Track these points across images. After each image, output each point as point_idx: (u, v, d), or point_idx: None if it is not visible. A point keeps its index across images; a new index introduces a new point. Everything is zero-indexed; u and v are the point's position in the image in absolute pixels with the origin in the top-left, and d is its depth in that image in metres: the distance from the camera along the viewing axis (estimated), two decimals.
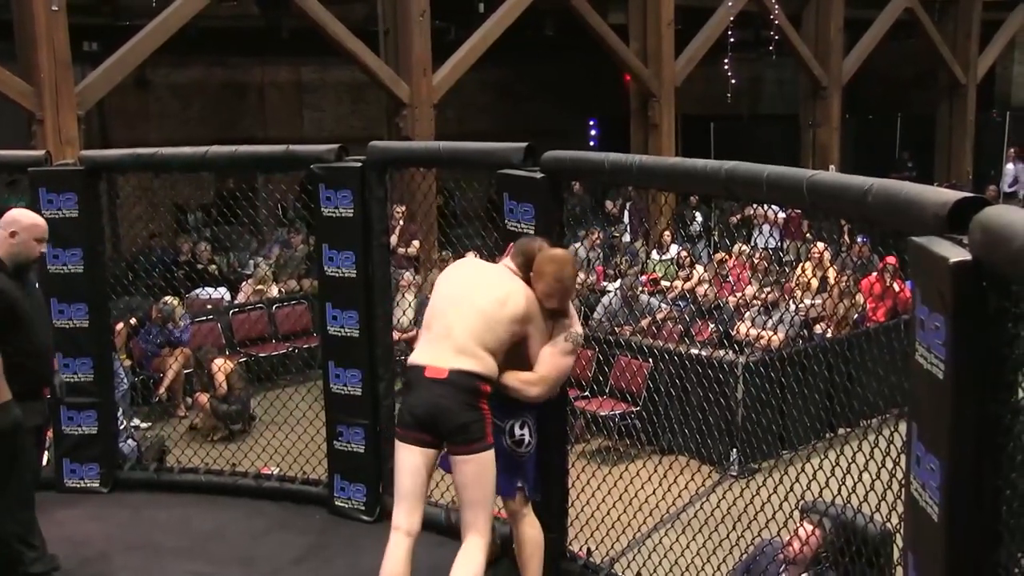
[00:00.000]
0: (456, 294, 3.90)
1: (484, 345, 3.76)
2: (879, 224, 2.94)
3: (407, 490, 3.82)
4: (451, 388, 3.71)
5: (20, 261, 4.45)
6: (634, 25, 15.07)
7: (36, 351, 4.45)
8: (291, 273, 12.46)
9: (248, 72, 17.15)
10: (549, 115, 18.10)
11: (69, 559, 4.81)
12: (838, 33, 17.01)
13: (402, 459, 3.82)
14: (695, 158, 3.86)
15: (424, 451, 3.78)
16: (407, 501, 3.82)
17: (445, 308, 3.88)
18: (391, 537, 3.84)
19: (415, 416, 3.76)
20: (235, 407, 9.17)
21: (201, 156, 5.45)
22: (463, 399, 3.71)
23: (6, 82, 10.32)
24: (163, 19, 11.16)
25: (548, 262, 3.89)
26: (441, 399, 3.71)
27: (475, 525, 3.78)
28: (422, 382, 3.76)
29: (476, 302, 3.82)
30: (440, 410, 3.71)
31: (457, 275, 4.04)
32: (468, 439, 3.72)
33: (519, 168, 4.40)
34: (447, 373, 3.71)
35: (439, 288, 4.00)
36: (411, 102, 12.74)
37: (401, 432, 3.84)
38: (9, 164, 5.93)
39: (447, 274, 4.09)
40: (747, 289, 10.39)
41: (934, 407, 2.24)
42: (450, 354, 3.74)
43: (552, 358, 3.93)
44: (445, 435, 3.76)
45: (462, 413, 3.70)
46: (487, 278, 3.96)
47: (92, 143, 12.24)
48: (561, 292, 3.89)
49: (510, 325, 3.82)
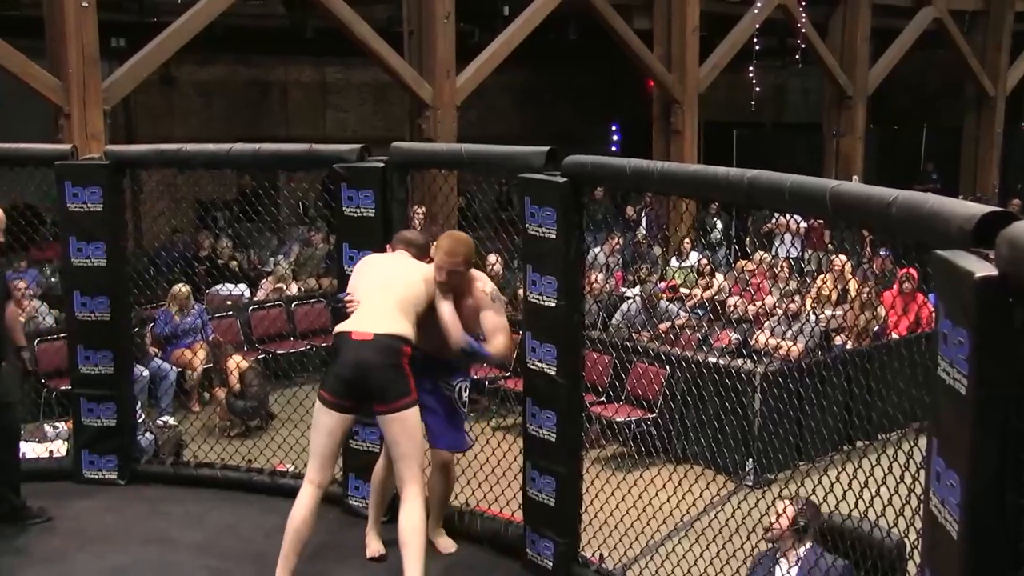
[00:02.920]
0: (373, 276, 4.39)
1: (403, 312, 4.23)
2: (903, 236, 2.92)
3: (322, 449, 4.22)
4: (376, 349, 4.12)
5: None
6: (659, 30, 15.03)
7: None
8: (311, 272, 12.49)
9: (272, 71, 17.21)
10: (571, 119, 18.09)
11: (84, 550, 4.86)
12: (864, 42, 16.92)
13: (321, 421, 4.21)
14: (717, 166, 3.85)
15: (343, 416, 4.20)
16: (321, 459, 4.23)
17: (366, 288, 4.34)
18: (303, 487, 4.25)
19: (342, 379, 4.14)
20: (251, 404, 9.19)
21: (225, 153, 5.48)
22: (388, 359, 4.12)
23: (35, 76, 10.39)
24: (189, 17, 11.21)
25: (446, 237, 4.41)
26: (367, 358, 4.11)
27: (410, 478, 4.18)
28: (349, 344, 4.15)
29: (390, 279, 4.33)
30: (367, 367, 4.10)
31: (371, 265, 4.51)
32: (394, 397, 4.13)
33: (540, 172, 4.40)
34: (372, 336, 4.13)
35: (358, 278, 4.46)
36: (434, 104, 12.76)
37: (325, 396, 4.20)
38: (37, 157, 5.97)
39: (361, 267, 4.52)
40: (767, 298, 10.35)
41: (956, 423, 2.23)
42: (374, 321, 4.19)
43: (496, 319, 4.42)
44: (372, 395, 4.14)
45: (387, 371, 4.11)
46: (395, 263, 4.48)
47: (117, 138, 12.31)
48: (449, 265, 4.29)
49: (419, 294, 4.30)
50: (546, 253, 4.34)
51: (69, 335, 5.78)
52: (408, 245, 4.58)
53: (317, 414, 4.23)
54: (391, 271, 4.41)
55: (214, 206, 13.82)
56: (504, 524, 4.92)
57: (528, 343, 4.48)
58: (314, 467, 4.24)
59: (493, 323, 4.42)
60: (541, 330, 4.42)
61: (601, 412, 8.31)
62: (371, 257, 4.60)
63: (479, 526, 4.95)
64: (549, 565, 4.49)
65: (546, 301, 4.35)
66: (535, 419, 4.49)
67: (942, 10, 17.34)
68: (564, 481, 4.43)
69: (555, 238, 4.29)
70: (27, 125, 10.92)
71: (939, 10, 17.29)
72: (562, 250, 4.30)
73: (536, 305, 4.41)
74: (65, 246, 5.59)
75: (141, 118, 15.67)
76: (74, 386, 5.75)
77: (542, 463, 4.49)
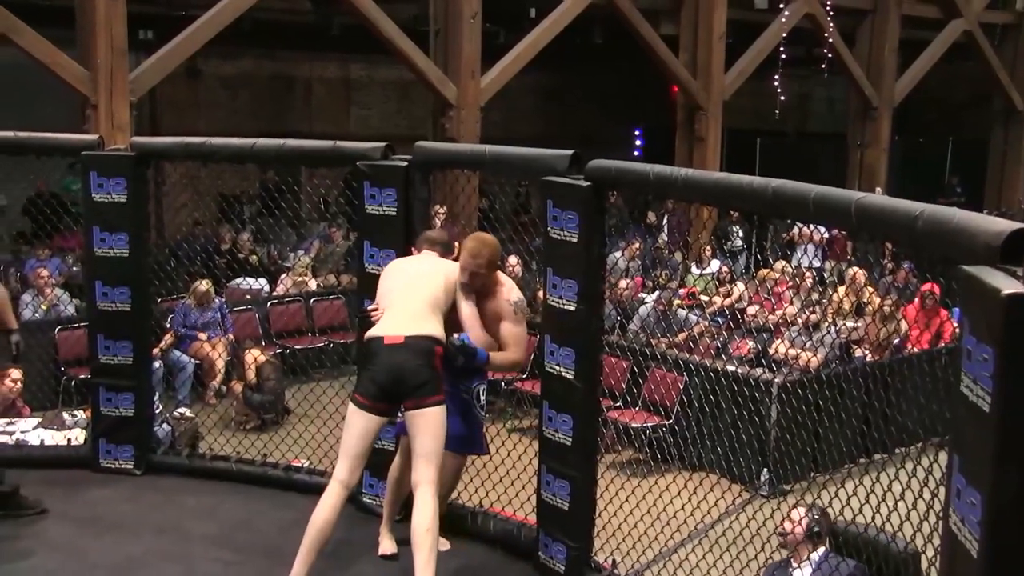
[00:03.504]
0: (400, 279, 4.43)
1: (431, 312, 4.29)
2: (928, 251, 2.90)
3: (354, 451, 4.24)
4: (409, 351, 4.18)
5: None
6: (685, 37, 15.00)
7: None
8: (330, 268, 12.52)
9: (297, 66, 17.25)
10: (594, 123, 18.06)
11: (100, 538, 4.88)
12: (892, 53, 16.83)
13: (355, 423, 4.24)
14: (740, 174, 3.83)
15: (376, 419, 4.24)
16: (352, 460, 4.25)
17: (394, 290, 4.39)
18: (329, 486, 4.26)
19: (377, 383, 4.19)
20: (268, 398, 9.21)
21: (249, 148, 5.49)
22: (420, 360, 4.18)
23: (64, 67, 10.45)
24: (217, 11, 11.25)
25: (472, 239, 4.43)
26: (401, 361, 4.16)
27: (426, 477, 4.20)
28: (382, 349, 4.21)
29: (415, 280, 4.38)
30: (402, 370, 4.16)
31: (397, 267, 4.56)
32: (424, 394, 4.18)
33: (564, 175, 4.39)
34: (403, 339, 4.19)
35: (385, 280, 4.50)
36: (458, 103, 12.76)
37: (360, 399, 4.23)
38: (65, 147, 6.02)
39: (386, 272, 4.56)
40: (788, 308, 10.30)
41: (978, 440, 2.21)
42: (404, 323, 4.24)
43: (515, 331, 4.46)
44: (406, 394, 4.19)
45: (421, 372, 4.17)
46: (421, 263, 4.53)
47: (142, 130, 12.37)
48: (472, 267, 4.33)
49: (445, 294, 4.36)
50: (567, 256, 4.34)
51: (90, 324, 5.81)
52: (433, 244, 4.61)
53: (350, 415, 4.27)
54: (416, 272, 4.44)
55: (238, 200, 13.87)
56: (517, 526, 4.92)
57: (547, 346, 4.48)
58: (344, 467, 4.26)
59: (510, 334, 4.45)
60: (560, 333, 4.42)
61: (617, 417, 8.29)
62: (396, 262, 4.66)
63: (492, 527, 4.94)
64: (561, 569, 4.48)
65: (566, 304, 4.35)
66: (551, 422, 4.48)
67: (972, 22, 17.23)
68: (578, 485, 4.42)
69: (576, 242, 4.28)
70: (53, 114, 11.00)
71: (969, 22, 17.18)
72: (583, 254, 4.30)
73: (556, 308, 4.40)
74: (88, 236, 5.62)
75: (166, 110, 15.73)
76: (94, 375, 5.78)
77: (557, 467, 4.49)
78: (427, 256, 4.57)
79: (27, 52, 10.33)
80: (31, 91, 12.36)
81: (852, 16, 16.63)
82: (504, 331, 4.45)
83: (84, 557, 4.71)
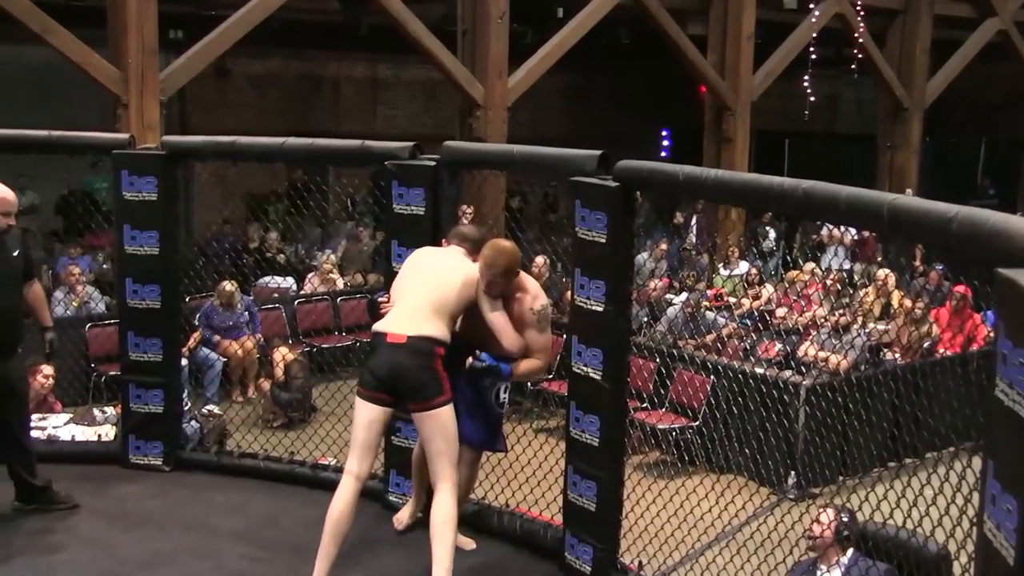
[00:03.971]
0: (415, 273, 4.41)
1: (437, 313, 4.25)
2: (962, 253, 2.86)
3: (362, 441, 4.27)
4: (409, 352, 4.18)
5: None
6: (713, 37, 14.93)
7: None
8: (358, 267, 12.56)
9: (324, 66, 17.31)
10: (621, 123, 18.01)
11: (129, 533, 4.92)
12: (923, 54, 16.68)
13: (360, 414, 4.27)
14: (768, 174, 3.81)
15: (380, 409, 4.25)
16: (360, 450, 4.28)
17: (405, 285, 4.38)
18: (342, 479, 4.31)
19: (376, 377, 4.22)
20: (295, 396, 9.25)
21: (278, 147, 5.51)
22: (420, 362, 4.18)
23: (96, 66, 10.53)
24: (246, 10, 11.31)
25: (488, 247, 4.34)
26: (400, 360, 4.17)
27: (443, 475, 4.25)
28: (384, 346, 4.23)
29: (430, 279, 4.34)
30: (399, 370, 4.18)
31: (418, 260, 4.53)
32: (426, 397, 4.19)
33: (592, 176, 4.38)
34: (406, 339, 4.19)
35: (403, 271, 4.50)
36: (485, 103, 12.76)
37: (362, 391, 4.27)
38: (96, 146, 6.06)
39: (407, 263, 4.55)
40: (818, 310, 10.24)
41: (1014, 446, 2.18)
42: (409, 322, 4.22)
43: (537, 338, 4.42)
44: (404, 394, 4.22)
45: (418, 373, 4.17)
46: (441, 260, 4.48)
47: (171, 129, 12.45)
48: (488, 275, 4.28)
49: (457, 296, 4.30)
50: (595, 257, 4.32)
51: (120, 322, 5.85)
52: (463, 240, 4.55)
53: (356, 407, 4.30)
54: (433, 269, 4.40)
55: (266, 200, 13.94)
56: (543, 527, 4.91)
57: (574, 347, 4.47)
58: (353, 459, 4.31)
59: (532, 341, 4.41)
60: (587, 334, 4.39)
61: (644, 418, 8.27)
62: (420, 252, 4.60)
63: (518, 528, 4.94)
64: (587, 570, 4.47)
65: (594, 305, 4.33)
66: (578, 423, 4.47)
67: (1007, 21, 17.03)
68: (605, 486, 4.40)
69: (605, 242, 4.27)
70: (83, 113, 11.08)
71: (1004, 22, 16.98)
72: (611, 254, 4.28)
73: (583, 309, 4.39)
74: (119, 234, 5.66)
75: (194, 109, 15.82)
76: (123, 372, 5.82)
77: (584, 467, 4.47)
78: (453, 252, 4.51)
79: (61, 52, 10.42)
80: (61, 90, 12.48)
81: (883, 16, 16.49)
82: (527, 339, 4.41)
83: (114, 552, 4.74)
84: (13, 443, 5.01)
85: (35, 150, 6.18)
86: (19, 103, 13.08)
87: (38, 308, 5.24)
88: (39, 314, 5.25)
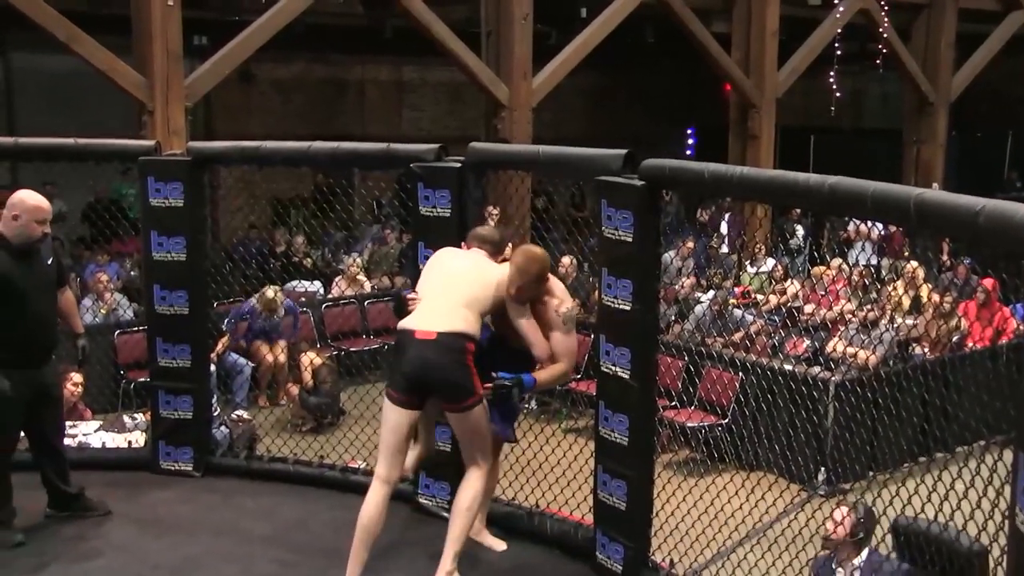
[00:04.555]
0: (442, 271, 4.38)
1: (468, 309, 4.20)
2: (991, 246, 2.84)
3: (391, 446, 4.23)
4: (440, 347, 4.11)
5: (23, 240, 4.73)
6: (737, 34, 14.88)
7: (27, 323, 4.74)
8: (385, 270, 12.59)
9: (349, 69, 17.37)
10: (646, 122, 17.99)
11: (160, 539, 4.95)
12: (948, 48, 16.55)
13: (389, 418, 4.22)
14: (794, 171, 3.79)
15: (409, 412, 4.20)
16: (389, 455, 4.24)
17: (433, 282, 4.34)
18: (372, 484, 4.26)
19: (404, 376, 4.15)
20: (324, 400, 9.28)
21: (304, 151, 5.53)
22: (452, 357, 4.11)
23: (121, 73, 10.62)
24: (270, 15, 11.37)
25: (520, 253, 4.33)
26: (431, 357, 4.10)
27: (475, 462, 4.29)
28: (412, 343, 4.15)
29: (458, 276, 4.31)
30: (431, 367, 4.10)
31: (442, 259, 4.48)
32: (460, 396, 4.15)
33: (618, 175, 4.37)
34: (435, 335, 4.12)
35: (428, 270, 4.46)
36: (510, 104, 12.77)
37: (391, 392, 4.20)
38: (122, 153, 6.09)
39: (431, 262, 4.50)
40: (846, 306, 10.18)
41: None
42: (438, 318, 4.16)
43: (563, 342, 4.37)
44: (435, 392, 4.17)
45: (452, 371, 4.11)
46: (468, 259, 4.45)
47: (196, 134, 12.52)
48: (520, 281, 4.25)
49: (486, 294, 4.27)
50: (622, 256, 4.31)
51: (149, 328, 5.88)
52: (483, 243, 4.53)
53: (385, 411, 4.26)
54: (460, 267, 4.39)
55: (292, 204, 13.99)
56: (574, 527, 4.91)
57: (602, 346, 4.46)
58: (383, 463, 4.27)
59: (557, 345, 4.37)
60: (615, 333, 4.39)
61: (673, 417, 8.25)
62: (443, 252, 4.57)
63: (549, 528, 4.93)
64: (618, 569, 4.46)
65: (621, 304, 4.32)
66: (607, 422, 4.46)
67: None
68: (635, 485, 4.40)
69: (631, 241, 4.25)
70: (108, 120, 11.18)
71: None
72: (638, 253, 4.27)
73: (611, 308, 4.37)
74: (146, 240, 5.69)
75: (219, 114, 15.91)
76: (152, 378, 5.85)
77: (613, 466, 4.46)
78: (475, 253, 4.50)
79: (87, 60, 10.51)
80: (86, 98, 12.59)
81: (907, 10, 16.38)
82: (552, 342, 4.38)
83: (146, 557, 4.77)
84: (48, 449, 5.06)
85: (65, 158, 6.24)
86: (45, 111, 13.26)
87: (70, 315, 5.29)
88: (71, 321, 5.30)
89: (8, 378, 4.65)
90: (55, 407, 5.09)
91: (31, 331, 4.79)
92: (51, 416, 5.04)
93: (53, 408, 5.05)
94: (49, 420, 5.03)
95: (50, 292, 4.99)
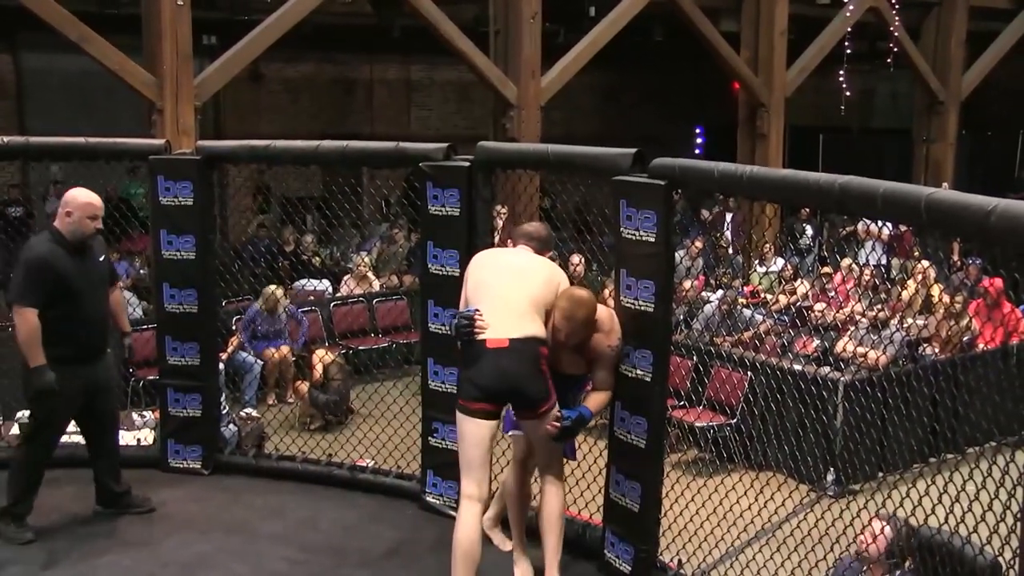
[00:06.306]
0: (497, 273, 4.17)
1: (535, 311, 4.05)
2: (1002, 246, 2.83)
3: (476, 461, 4.04)
4: (515, 355, 3.94)
5: (77, 237, 4.79)
6: (746, 33, 14.84)
7: (83, 320, 4.79)
8: (393, 269, 12.60)
9: (357, 69, 17.40)
10: (654, 121, 17.98)
11: (170, 536, 4.97)
12: (959, 46, 16.49)
13: (468, 431, 4.04)
14: (804, 170, 3.78)
15: (488, 423, 4.02)
16: (476, 471, 4.05)
17: (491, 285, 4.12)
18: (463, 504, 4.05)
19: (480, 387, 3.98)
20: (333, 398, 9.29)
21: (313, 150, 5.54)
22: (528, 367, 3.97)
23: (132, 73, 10.64)
24: (280, 15, 11.38)
25: (564, 298, 4.15)
26: (507, 367, 3.94)
27: (553, 470, 4.24)
28: (485, 353, 3.96)
29: (517, 278, 4.12)
30: (508, 378, 3.95)
31: (492, 260, 4.30)
32: (538, 402, 4.02)
33: (627, 174, 4.36)
34: (508, 342, 3.95)
35: (476, 273, 4.23)
36: (518, 103, 12.76)
37: (465, 404, 4.03)
38: (133, 152, 6.11)
39: (479, 261, 4.31)
40: (855, 305, 10.16)
41: None
42: (507, 324, 3.98)
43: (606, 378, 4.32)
44: (517, 403, 4.04)
45: (530, 379, 3.97)
46: (519, 257, 4.29)
47: (205, 134, 12.53)
48: (568, 328, 4.11)
49: (552, 290, 4.14)
50: (644, 256, 4.27)
51: (158, 326, 5.91)
52: (529, 239, 4.40)
53: (461, 425, 4.07)
54: (516, 266, 4.22)
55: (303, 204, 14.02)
56: (582, 526, 4.91)
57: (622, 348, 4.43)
58: (471, 481, 4.06)
59: (603, 380, 4.31)
60: (637, 335, 4.32)
61: (682, 416, 8.24)
62: (489, 253, 4.43)
63: None
64: (627, 569, 4.45)
65: (643, 306, 4.28)
66: (623, 423, 4.43)
67: None
68: (649, 487, 4.38)
69: (654, 241, 4.22)
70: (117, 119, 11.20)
71: None
72: (661, 254, 4.25)
73: (632, 310, 4.33)
74: (156, 239, 5.71)
75: (229, 114, 15.95)
76: (162, 376, 5.87)
77: (628, 468, 4.44)
78: (524, 252, 4.34)
79: (98, 60, 10.54)
80: (97, 97, 12.62)
81: (918, 9, 16.33)
82: (602, 374, 4.30)
83: (156, 555, 4.79)
84: (100, 445, 5.12)
85: (77, 157, 6.26)
86: (56, 110, 13.30)
87: (118, 313, 5.32)
88: (119, 319, 5.33)
89: (60, 374, 4.68)
90: (109, 404, 5.13)
91: (85, 327, 4.83)
92: (104, 413, 5.09)
93: (107, 405, 5.09)
94: (106, 415, 5.10)
95: (103, 289, 5.03)
